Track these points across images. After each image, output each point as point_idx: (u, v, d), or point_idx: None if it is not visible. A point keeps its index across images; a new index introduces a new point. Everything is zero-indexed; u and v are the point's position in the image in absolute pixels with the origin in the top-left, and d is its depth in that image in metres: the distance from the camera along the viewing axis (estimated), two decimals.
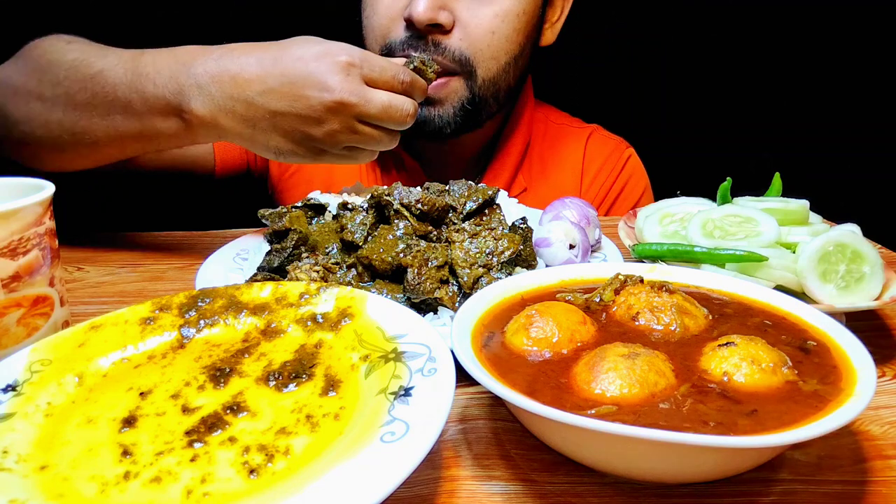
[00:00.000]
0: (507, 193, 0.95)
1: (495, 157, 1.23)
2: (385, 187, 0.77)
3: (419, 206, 0.74)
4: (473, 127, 1.12)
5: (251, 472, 0.43)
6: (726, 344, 0.50)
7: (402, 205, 0.74)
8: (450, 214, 0.78)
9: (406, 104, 0.81)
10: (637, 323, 0.56)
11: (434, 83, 0.98)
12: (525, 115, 1.25)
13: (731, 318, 0.58)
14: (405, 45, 1.02)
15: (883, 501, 0.47)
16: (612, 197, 1.28)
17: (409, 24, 1.01)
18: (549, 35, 1.18)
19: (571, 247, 0.80)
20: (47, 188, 0.62)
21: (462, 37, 1.02)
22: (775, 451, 0.47)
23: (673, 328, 0.55)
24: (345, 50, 0.79)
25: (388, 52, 1.04)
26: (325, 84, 0.77)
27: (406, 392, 0.47)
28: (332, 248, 0.76)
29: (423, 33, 1.01)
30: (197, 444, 0.45)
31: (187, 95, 0.80)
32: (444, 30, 1.01)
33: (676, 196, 0.93)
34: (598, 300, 0.60)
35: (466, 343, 0.51)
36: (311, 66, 0.78)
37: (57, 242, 0.64)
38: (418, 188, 0.80)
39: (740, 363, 0.48)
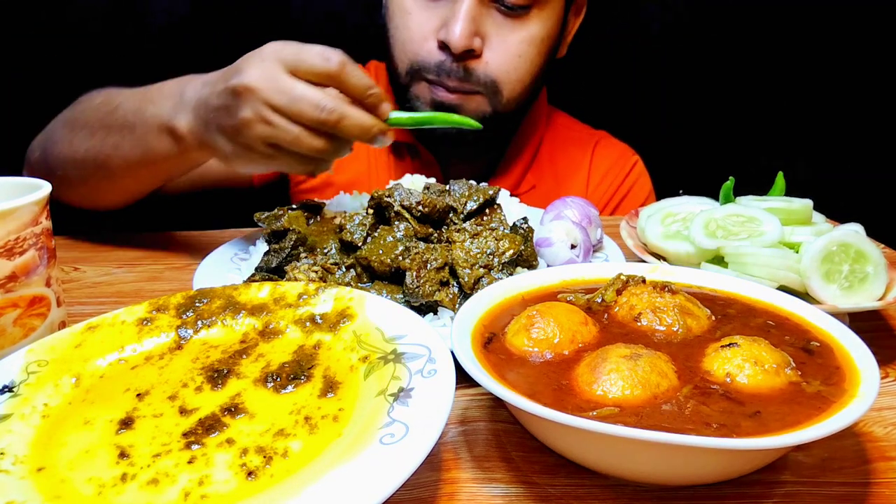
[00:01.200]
0: (509, 193, 0.94)
1: (507, 155, 1.26)
2: (385, 189, 0.77)
3: (420, 208, 0.73)
4: (493, 137, 1.16)
5: (249, 474, 0.42)
6: (729, 345, 0.50)
7: (402, 206, 0.74)
8: (450, 215, 0.77)
9: (323, 99, 0.72)
10: (639, 324, 0.56)
11: (456, 95, 1.04)
12: (538, 119, 1.28)
13: (733, 318, 0.58)
14: (440, 70, 1.04)
15: (886, 503, 0.47)
16: (617, 200, 1.30)
17: (443, 46, 1.03)
18: (562, 49, 1.22)
19: (573, 246, 0.80)
20: (44, 188, 0.62)
21: (490, 60, 1.06)
22: (778, 452, 0.47)
23: (675, 329, 0.55)
24: (280, 43, 0.76)
25: (419, 69, 1.06)
26: (239, 69, 0.75)
27: (406, 393, 0.46)
28: (331, 249, 0.76)
29: (456, 58, 1.03)
30: (194, 446, 0.45)
31: (178, 114, 0.82)
32: (475, 55, 1.04)
33: (678, 195, 0.93)
34: (599, 300, 0.60)
35: (466, 344, 0.51)
36: (241, 59, 0.77)
37: (53, 242, 0.64)
38: (419, 189, 0.79)
39: (743, 364, 0.48)
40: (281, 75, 0.73)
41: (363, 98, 0.75)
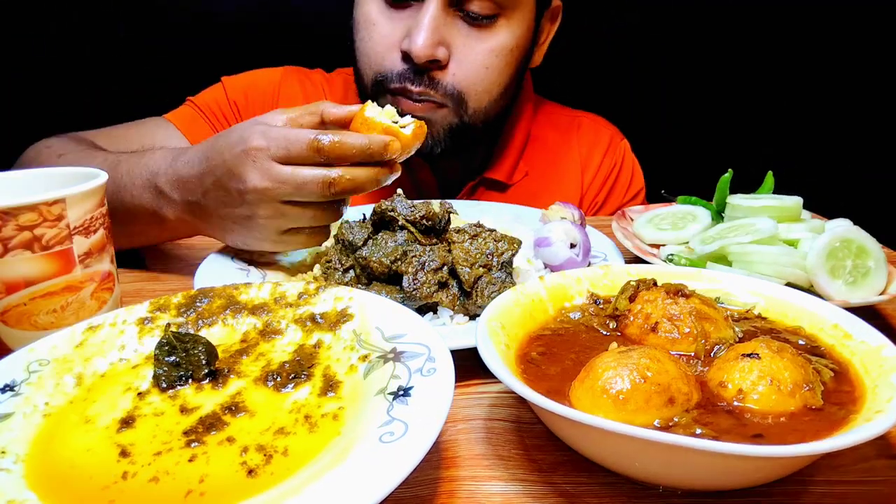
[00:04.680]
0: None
1: (497, 148, 1.26)
2: (388, 201, 0.75)
3: (424, 221, 0.73)
4: (462, 150, 1.13)
5: (249, 472, 0.42)
6: (750, 355, 0.48)
7: (407, 220, 0.73)
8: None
9: (320, 174, 0.73)
10: (657, 334, 0.55)
11: (423, 104, 1.02)
12: (525, 111, 1.28)
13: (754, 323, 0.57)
14: (402, 77, 1.03)
15: (885, 502, 0.47)
16: (611, 183, 1.33)
17: (406, 57, 1.02)
18: (537, 57, 1.21)
19: (572, 246, 0.80)
20: (102, 175, 0.66)
21: (456, 72, 1.04)
22: (795, 463, 0.45)
23: (693, 336, 0.53)
24: (258, 134, 0.75)
25: (382, 80, 1.05)
26: (239, 175, 0.75)
27: (405, 392, 0.46)
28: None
29: (420, 68, 1.02)
30: (195, 445, 0.45)
31: (158, 203, 0.84)
32: (440, 65, 1.03)
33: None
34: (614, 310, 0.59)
35: (497, 354, 0.49)
36: (226, 158, 0.76)
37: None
38: (419, 202, 0.76)
39: (759, 381, 0.46)
40: (279, 169, 0.73)
41: (366, 158, 0.74)
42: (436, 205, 0.74)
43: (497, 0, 1.02)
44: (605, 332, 0.58)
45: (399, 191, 0.78)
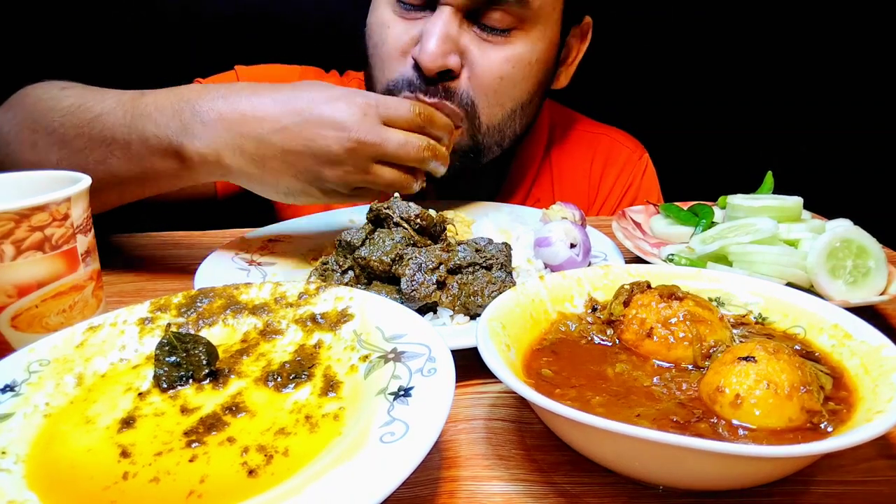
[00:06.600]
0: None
1: (510, 177, 1.22)
2: (383, 203, 0.75)
3: (418, 220, 0.73)
4: (472, 174, 1.08)
5: (250, 472, 0.42)
6: (746, 358, 0.47)
7: (401, 218, 0.73)
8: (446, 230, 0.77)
9: (421, 140, 0.81)
10: (653, 339, 0.54)
11: None
12: (540, 136, 1.24)
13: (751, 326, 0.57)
14: (412, 86, 0.97)
15: (885, 502, 0.47)
16: (630, 199, 1.28)
17: (417, 65, 0.96)
18: (563, 79, 1.14)
19: (572, 245, 0.80)
20: (85, 178, 0.66)
21: (469, 77, 0.98)
22: (795, 463, 0.45)
23: (688, 341, 0.53)
24: (360, 93, 0.80)
25: (392, 88, 0.99)
26: (343, 124, 0.76)
27: (405, 392, 0.46)
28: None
29: (431, 78, 0.96)
30: (196, 445, 0.45)
31: (190, 133, 0.77)
32: (452, 74, 0.96)
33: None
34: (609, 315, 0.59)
35: (495, 352, 0.49)
36: (326, 106, 0.77)
37: None
38: (413, 203, 0.77)
39: (755, 385, 0.45)
40: (381, 127, 0.78)
41: (447, 129, 0.85)
42: (431, 212, 0.76)
43: (516, 13, 0.95)
44: (604, 341, 0.57)
45: (396, 194, 0.78)
